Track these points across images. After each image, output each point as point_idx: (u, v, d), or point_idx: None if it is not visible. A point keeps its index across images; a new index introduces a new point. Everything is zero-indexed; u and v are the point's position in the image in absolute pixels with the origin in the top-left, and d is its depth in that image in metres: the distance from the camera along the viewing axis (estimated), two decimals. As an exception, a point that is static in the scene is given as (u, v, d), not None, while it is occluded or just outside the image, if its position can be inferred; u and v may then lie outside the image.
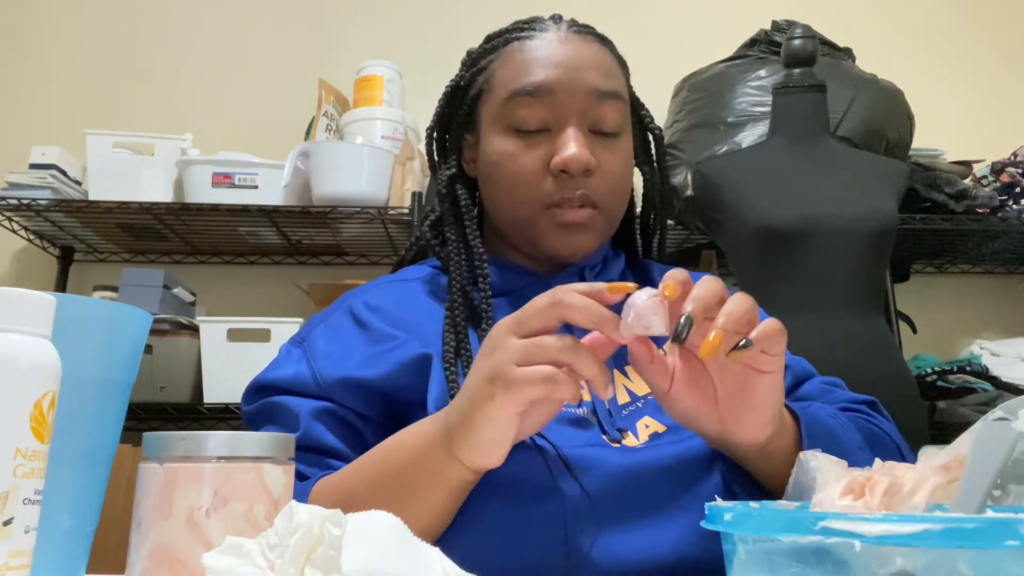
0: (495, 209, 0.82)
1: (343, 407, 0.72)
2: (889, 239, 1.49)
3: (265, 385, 0.75)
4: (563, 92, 0.76)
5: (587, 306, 0.55)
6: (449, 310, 0.76)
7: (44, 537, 0.41)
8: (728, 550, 0.38)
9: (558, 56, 0.78)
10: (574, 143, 0.75)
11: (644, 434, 0.70)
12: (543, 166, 0.76)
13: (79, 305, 0.50)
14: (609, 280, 0.83)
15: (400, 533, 0.41)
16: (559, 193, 0.75)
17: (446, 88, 0.85)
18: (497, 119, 0.79)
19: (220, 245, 2.11)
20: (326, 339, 0.76)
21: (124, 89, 2.26)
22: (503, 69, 0.80)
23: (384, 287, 0.83)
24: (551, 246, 0.78)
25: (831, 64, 1.78)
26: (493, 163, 0.79)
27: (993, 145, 2.08)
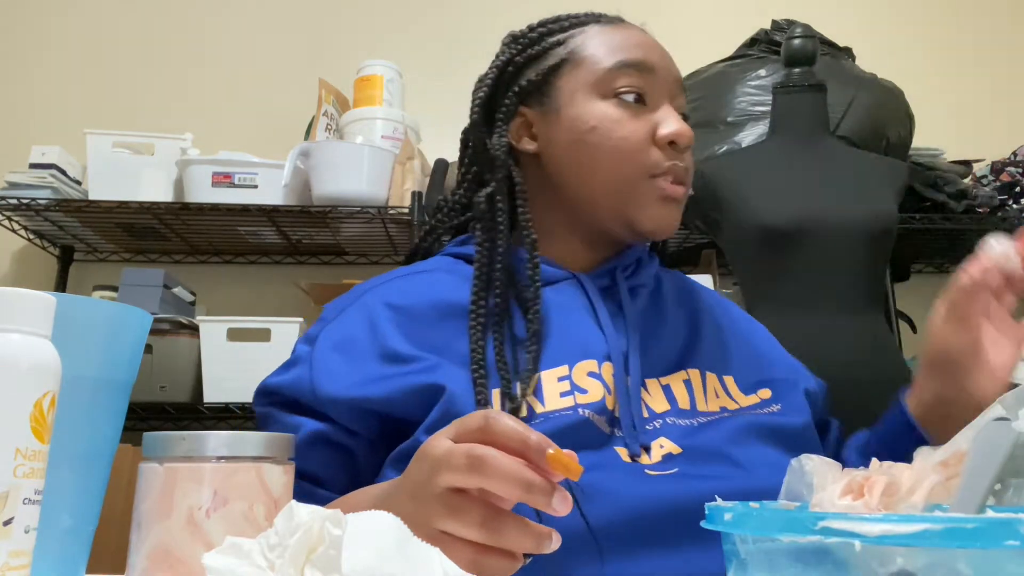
0: (581, 177, 0.78)
1: (335, 424, 0.70)
2: (889, 239, 1.49)
3: (269, 390, 0.74)
4: (661, 72, 0.79)
5: (510, 479, 0.45)
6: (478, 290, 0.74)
7: (44, 537, 0.41)
8: (728, 550, 0.38)
9: (649, 42, 0.81)
10: (676, 119, 0.77)
11: (658, 453, 0.68)
12: (648, 136, 0.77)
13: (79, 305, 0.50)
14: (640, 283, 0.82)
15: (400, 533, 0.41)
16: (667, 163, 0.76)
17: (497, 63, 0.84)
18: (595, 87, 0.78)
19: (220, 245, 2.11)
20: (333, 344, 0.74)
21: (124, 89, 2.26)
22: (593, 44, 0.80)
23: (404, 280, 0.80)
24: (646, 217, 0.77)
25: (831, 64, 1.77)
26: (591, 128, 0.77)
27: (993, 145, 2.08)
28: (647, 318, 0.80)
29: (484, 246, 0.78)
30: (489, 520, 0.47)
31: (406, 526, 0.42)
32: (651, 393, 0.74)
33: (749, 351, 0.83)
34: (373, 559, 0.38)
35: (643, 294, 0.82)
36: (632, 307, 0.79)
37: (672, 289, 0.86)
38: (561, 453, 0.46)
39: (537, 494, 0.45)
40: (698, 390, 0.76)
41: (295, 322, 1.78)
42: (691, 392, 0.75)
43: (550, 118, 0.80)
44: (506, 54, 0.84)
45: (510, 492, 0.45)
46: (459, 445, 0.48)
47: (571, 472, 0.46)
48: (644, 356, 0.75)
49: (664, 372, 0.76)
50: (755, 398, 0.77)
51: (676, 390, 0.75)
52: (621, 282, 0.80)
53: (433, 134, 2.18)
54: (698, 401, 0.75)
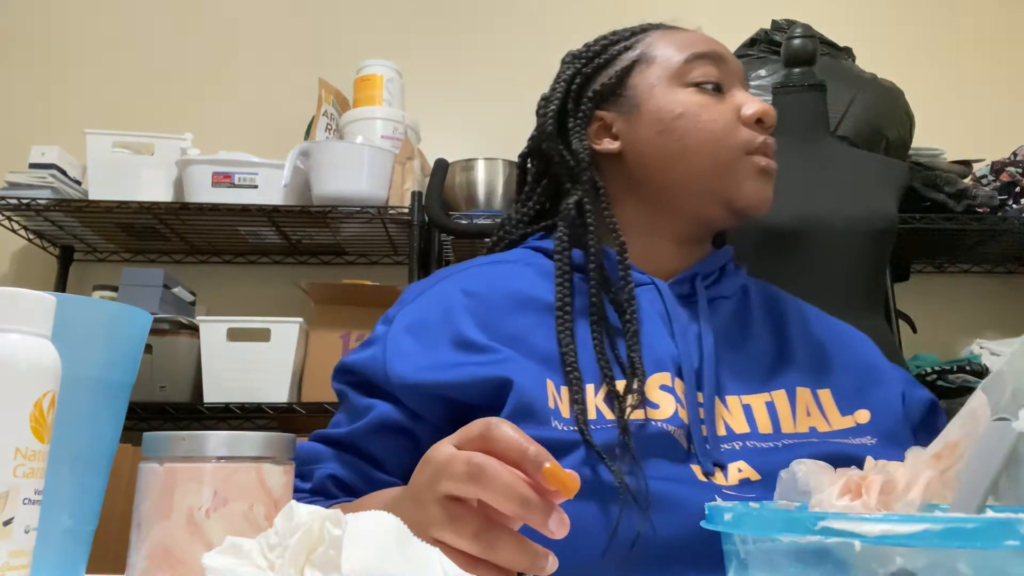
0: (671, 167, 0.79)
1: (403, 408, 0.71)
2: (889, 239, 1.49)
3: (346, 368, 0.76)
4: (731, 62, 0.83)
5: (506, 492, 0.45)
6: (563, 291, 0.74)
7: (44, 537, 0.41)
8: (728, 550, 0.38)
9: (712, 39, 0.85)
10: (757, 99, 0.80)
11: (735, 476, 0.66)
12: (734, 117, 0.79)
13: (79, 305, 0.50)
14: (722, 294, 0.81)
15: (400, 533, 0.41)
16: (757, 139, 0.78)
17: (566, 75, 0.85)
18: (673, 79, 0.81)
19: (220, 245, 2.11)
20: (407, 326, 0.74)
21: (124, 89, 2.26)
22: (663, 44, 0.83)
23: (485, 269, 0.81)
24: (749, 191, 0.78)
25: (831, 64, 1.77)
26: (678, 115, 0.79)
27: (993, 145, 2.08)
28: (729, 331, 0.79)
29: (565, 252, 0.78)
30: (483, 533, 0.46)
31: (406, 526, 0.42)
32: (731, 411, 0.72)
33: (848, 365, 0.81)
34: (373, 559, 0.38)
35: (725, 306, 0.81)
36: (710, 318, 0.78)
37: (759, 300, 0.85)
38: (558, 468, 0.45)
39: (533, 511, 0.44)
40: (784, 413, 0.73)
41: (295, 322, 1.78)
42: (774, 416, 0.73)
43: (631, 116, 0.82)
44: (571, 68, 0.86)
45: (505, 506, 0.45)
46: (460, 452, 0.47)
47: (567, 489, 0.44)
48: (723, 371, 0.74)
49: (746, 390, 0.74)
50: (851, 421, 0.75)
51: (758, 412, 0.73)
52: (701, 291, 0.80)
53: (433, 134, 2.18)
54: (783, 423, 0.72)
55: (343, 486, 0.71)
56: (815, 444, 0.71)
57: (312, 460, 0.73)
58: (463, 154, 1.97)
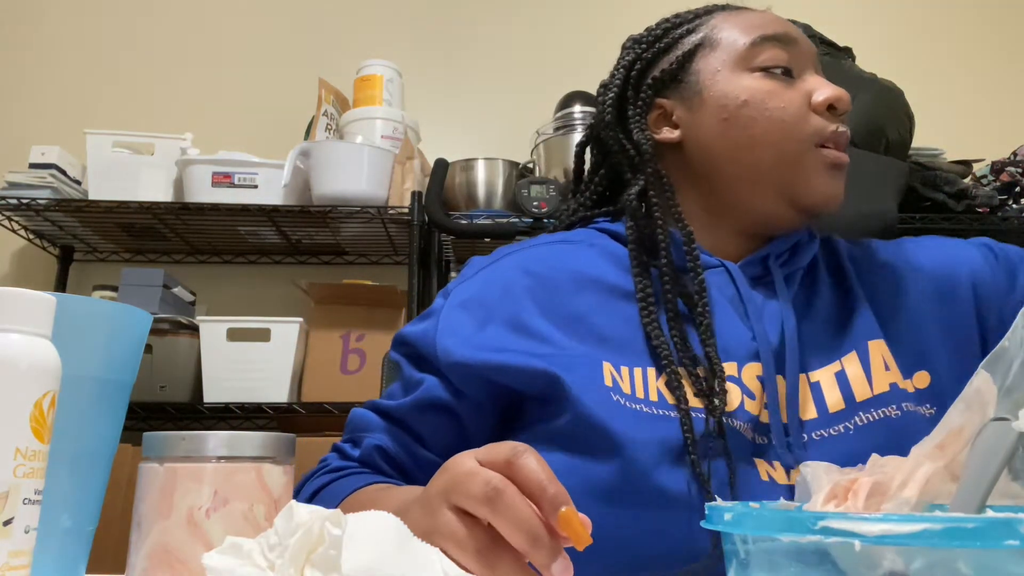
0: (735, 157, 0.75)
1: (448, 384, 0.71)
2: (889, 239, 1.49)
3: (402, 339, 0.76)
4: (802, 44, 0.78)
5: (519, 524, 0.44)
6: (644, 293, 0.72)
7: (44, 537, 0.41)
8: (728, 550, 0.38)
9: (782, 18, 0.80)
10: (830, 84, 0.75)
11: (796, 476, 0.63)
12: (805, 104, 0.74)
13: (79, 305, 0.50)
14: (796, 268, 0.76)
15: (400, 533, 0.41)
16: (831, 128, 0.74)
17: (624, 63, 0.82)
18: (738, 63, 0.76)
19: (220, 245, 2.11)
20: (463, 301, 0.74)
21: (124, 89, 2.26)
22: (727, 26, 0.78)
23: (547, 248, 0.78)
24: (813, 188, 0.73)
25: (831, 64, 1.77)
26: (743, 102, 0.74)
27: (993, 145, 2.08)
28: (797, 306, 0.75)
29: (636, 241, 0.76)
30: (486, 551, 0.45)
31: (406, 527, 0.42)
32: (800, 395, 0.69)
33: (917, 308, 0.75)
34: (373, 559, 0.38)
35: (796, 278, 0.77)
36: (788, 298, 0.73)
37: (825, 255, 0.81)
38: (574, 515, 0.43)
39: (540, 549, 0.43)
40: (856, 379, 0.69)
41: (295, 322, 1.78)
42: (846, 386, 0.69)
43: (692, 103, 0.78)
44: (631, 54, 0.82)
45: (515, 536, 0.44)
46: (483, 471, 0.46)
47: (578, 539, 0.43)
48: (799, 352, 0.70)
49: (815, 364, 0.71)
50: (911, 385, 0.70)
51: (827, 389, 0.69)
52: (776, 271, 0.75)
53: (433, 134, 2.18)
54: (856, 391, 0.68)
55: (389, 459, 0.72)
56: (892, 420, 0.66)
57: (363, 428, 0.74)
58: (463, 154, 1.97)
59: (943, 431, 0.42)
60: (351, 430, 0.76)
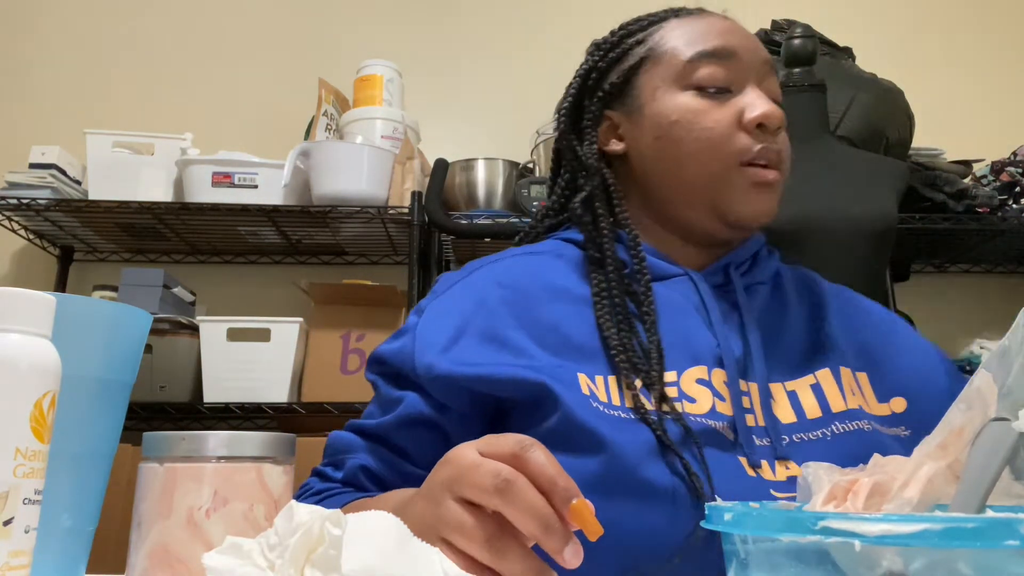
0: (669, 173, 0.77)
1: (431, 399, 0.70)
2: (889, 239, 1.49)
3: (377, 358, 0.75)
4: (744, 56, 0.77)
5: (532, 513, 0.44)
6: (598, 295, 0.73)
7: (44, 537, 0.41)
8: (728, 550, 0.38)
9: (730, 26, 0.79)
10: (764, 100, 0.75)
11: (783, 474, 0.65)
12: (734, 122, 0.75)
13: (79, 305, 0.50)
14: (757, 281, 0.79)
15: (400, 533, 0.41)
16: (755, 147, 0.74)
17: (580, 71, 0.84)
18: (675, 81, 0.77)
19: (220, 245, 2.11)
20: (438, 317, 0.74)
21: (124, 89, 2.26)
22: (672, 38, 0.79)
23: (516, 260, 0.80)
24: (741, 206, 0.74)
25: (831, 64, 1.77)
26: (674, 122, 0.76)
27: (993, 145, 2.08)
28: (766, 316, 0.77)
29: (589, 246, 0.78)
30: (495, 540, 0.46)
31: (406, 526, 0.42)
32: (776, 400, 0.70)
33: (884, 348, 0.78)
34: (373, 559, 0.38)
35: (761, 292, 0.79)
36: (750, 305, 0.76)
37: (793, 283, 0.83)
38: (585, 506, 0.45)
39: (553, 535, 0.44)
40: (831, 392, 0.71)
41: (295, 322, 1.78)
42: (821, 396, 0.71)
43: (634, 118, 0.80)
44: (588, 62, 0.84)
45: (528, 525, 0.44)
46: (489, 462, 0.47)
47: (588, 529, 0.45)
48: (767, 358, 0.72)
49: (790, 375, 0.72)
50: (886, 408, 0.73)
51: (804, 397, 0.71)
52: (736, 279, 0.77)
53: (433, 134, 2.18)
54: (832, 402, 0.70)
55: (374, 478, 0.72)
56: (869, 434, 0.68)
57: (344, 450, 0.73)
58: (463, 154, 1.97)
59: (944, 431, 0.42)
60: (331, 453, 0.75)
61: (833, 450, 0.66)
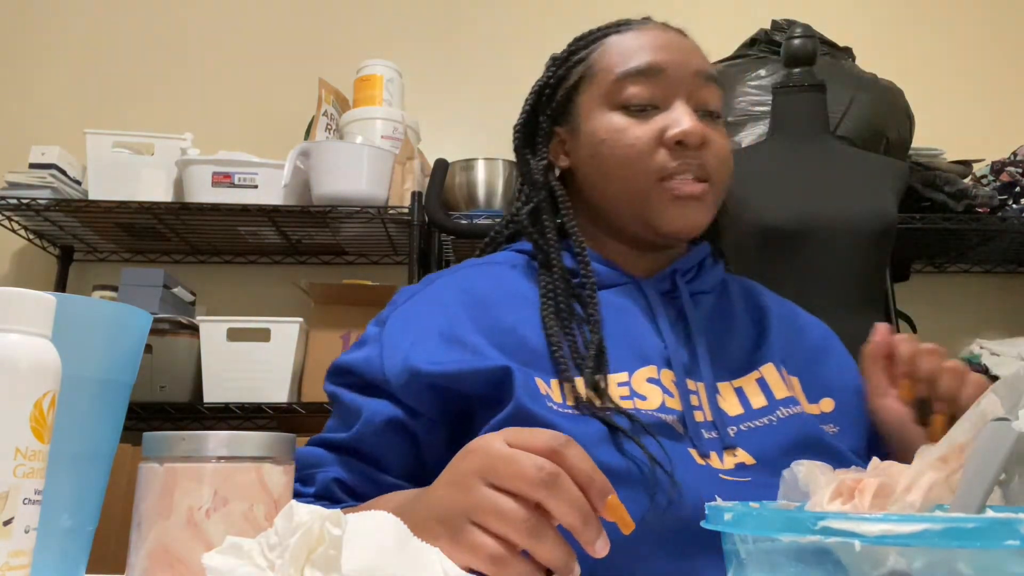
0: (603, 191, 0.81)
1: (402, 405, 0.71)
2: (889, 238, 1.49)
3: (342, 368, 0.75)
4: (672, 71, 0.79)
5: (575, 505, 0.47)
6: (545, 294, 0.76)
7: (44, 537, 0.41)
8: (728, 550, 0.38)
9: (663, 40, 0.81)
10: (688, 117, 0.76)
11: (731, 461, 0.68)
12: (655, 139, 0.77)
13: (79, 305, 0.50)
14: (703, 289, 0.83)
15: (400, 533, 0.41)
16: (673, 164, 0.76)
17: (535, 87, 0.87)
18: (604, 100, 0.80)
19: (220, 245, 2.11)
20: (403, 324, 0.75)
21: (124, 89, 2.26)
22: (607, 56, 0.82)
23: (470, 269, 0.83)
24: (663, 220, 0.77)
25: (831, 64, 1.78)
26: (601, 141, 0.79)
27: (993, 145, 2.08)
28: (713, 322, 0.80)
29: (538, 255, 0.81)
30: (535, 527, 0.47)
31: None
32: (724, 396, 0.74)
33: (815, 356, 0.83)
34: (373, 559, 0.38)
35: (706, 300, 0.82)
36: (695, 311, 0.79)
37: (739, 292, 0.86)
38: (619, 502, 0.48)
39: (590, 528, 0.47)
40: (774, 382, 0.75)
41: (295, 322, 1.78)
42: (766, 387, 0.75)
43: (576, 135, 0.83)
44: (543, 77, 0.87)
45: (569, 517, 0.47)
46: (526, 454, 0.49)
47: (623, 523, 0.48)
48: (712, 360, 0.75)
49: (736, 375, 0.76)
50: (816, 408, 0.77)
51: (750, 391, 0.75)
52: (682, 286, 0.80)
53: (433, 134, 2.18)
54: (775, 391, 0.74)
55: (348, 490, 0.71)
56: (808, 416, 0.73)
57: (313, 464, 0.73)
58: (463, 154, 1.97)
59: (946, 445, 0.43)
60: (299, 468, 0.74)
61: (779, 434, 0.70)
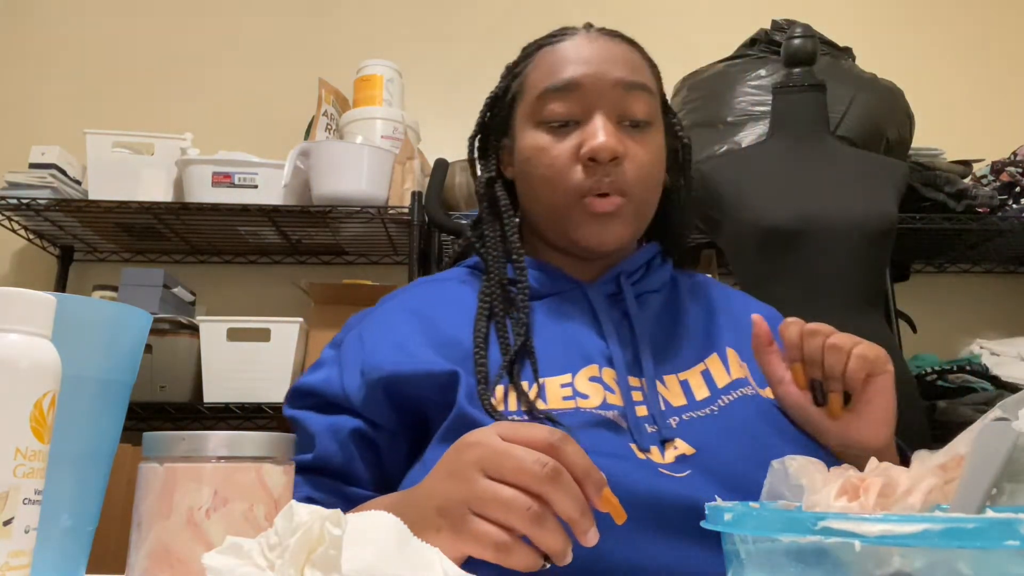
0: (532, 205, 0.83)
1: (361, 418, 0.73)
2: (889, 238, 1.49)
3: (304, 391, 0.78)
4: (590, 85, 0.79)
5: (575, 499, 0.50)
6: (482, 300, 0.78)
7: (44, 537, 0.41)
8: (728, 550, 0.38)
9: (585, 53, 0.81)
10: (602, 131, 0.76)
11: (671, 455, 0.68)
12: (573, 156, 0.78)
13: (79, 305, 0.50)
14: (650, 289, 0.84)
15: (400, 533, 0.41)
16: (588, 181, 0.77)
17: (487, 98, 0.89)
18: (529, 117, 0.81)
19: (220, 245, 2.11)
20: (359, 343, 0.78)
21: (124, 89, 2.26)
22: (535, 72, 0.83)
23: (419, 287, 0.85)
24: (581, 236, 0.79)
25: (831, 64, 1.78)
26: (527, 159, 0.81)
27: (993, 145, 2.08)
28: (660, 321, 0.81)
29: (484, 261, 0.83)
30: (538, 516, 0.50)
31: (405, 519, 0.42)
32: (668, 388, 0.75)
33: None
34: (373, 559, 0.38)
35: (654, 299, 0.83)
36: (640, 313, 0.80)
37: (688, 288, 0.87)
38: (612, 494, 0.52)
39: (586, 520, 0.50)
40: (718, 372, 0.77)
41: (295, 322, 1.78)
42: (710, 379, 0.76)
43: (513, 149, 0.85)
44: (494, 90, 0.89)
45: (569, 510, 0.50)
46: (525, 449, 0.51)
47: (617, 514, 0.51)
48: (658, 356, 0.77)
49: (682, 367, 0.77)
50: (767, 393, 0.78)
51: (694, 383, 0.76)
52: (627, 288, 0.81)
53: (433, 134, 2.18)
54: (718, 380, 0.76)
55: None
56: (749, 398, 0.74)
57: None
58: (463, 154, 1.96)
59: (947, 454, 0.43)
60: None
61: (720, 422, 0.71)
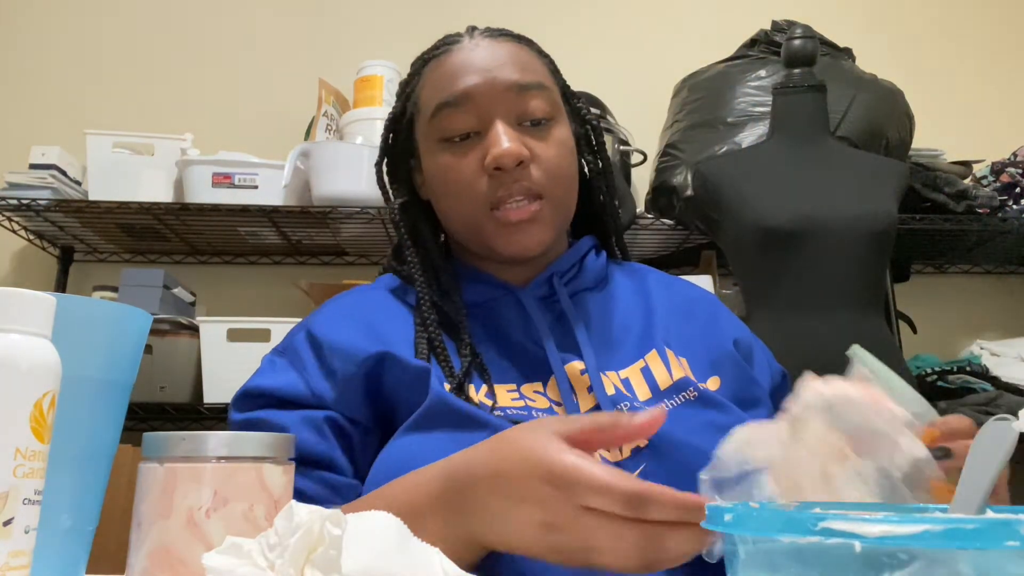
0: (449, 222, 0.82)
1: (335, 411, 0.72)
2: (889, 239, 1.49)
3: (251, 394, 0.74)
4: (481, 94, 0.76)
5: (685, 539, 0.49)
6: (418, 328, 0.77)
7: (44, 537, 0.41)
8: (728, 550, 0.38)
9: (471, 62, 0.79)
10: (504, 138, 0.74)
11: (627, 449, 0.68)
12: (478, 168, 0.76)
13: (79, 305, 0.50)
14: (584, 286, 0.82)
15: (400, 533, 0.41)
16: (498, 191, 0.75)
17: (385, 121, 0.87)
18: (428, 136, 0.79)
19: (220, 245, 2.11)
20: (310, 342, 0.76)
21: (124, 89, 2.26)
22: (425, 90, 0.81)
23: (347, 296, 0.84)
24: (503, 247, 0.77)
25: (831, 64, 1.78)
26: (434, 179, 0.79)
27: (993, 145, 2.08)
28: (596, 319, 0.80)
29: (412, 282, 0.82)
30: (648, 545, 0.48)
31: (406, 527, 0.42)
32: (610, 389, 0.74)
33: (703, 330, 0.82)
34: (373, 559, 0.38)
35: (588, 298, 0.82)
36: (575, 311, 0.79)
37: (624, 279, 0.86)
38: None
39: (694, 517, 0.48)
40: (659, 371, 0.75)
41: (295, 322, 1.77)
42: (651, 378, 0.75)
43: (421, 169, 0.83)
44: (391, 112, 0.87)
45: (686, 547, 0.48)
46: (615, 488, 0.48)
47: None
48: (597, 354, 0.76)
49: (622, 364, 0.76)
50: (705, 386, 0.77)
51: (635, 382, 0.75)
52: (560, 289, 0.80)
53: (433, 134, 2.18)
54: (659, 381, 0.74)
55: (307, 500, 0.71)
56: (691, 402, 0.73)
57: None
58: (463, 154, 1.96)
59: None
60: None
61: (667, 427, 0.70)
